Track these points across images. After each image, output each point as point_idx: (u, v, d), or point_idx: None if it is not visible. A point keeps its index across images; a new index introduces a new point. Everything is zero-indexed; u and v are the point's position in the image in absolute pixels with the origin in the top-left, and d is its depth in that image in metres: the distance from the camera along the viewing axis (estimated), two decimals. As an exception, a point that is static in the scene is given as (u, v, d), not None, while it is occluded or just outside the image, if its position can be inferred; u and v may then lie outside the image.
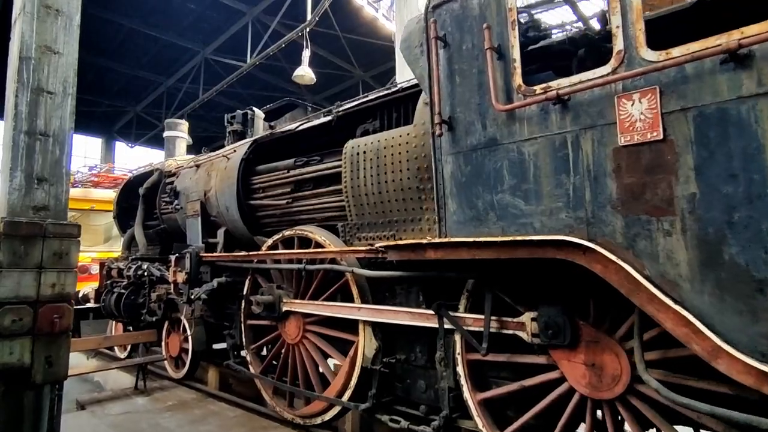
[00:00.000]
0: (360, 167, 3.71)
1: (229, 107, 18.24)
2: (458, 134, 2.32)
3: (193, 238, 5.48)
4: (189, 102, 15.37)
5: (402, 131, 3.47)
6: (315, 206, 4.30)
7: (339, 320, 3.57)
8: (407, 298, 3.34)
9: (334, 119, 4.17)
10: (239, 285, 4.67)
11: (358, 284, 3.48)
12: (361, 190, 3.70)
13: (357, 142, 3.82)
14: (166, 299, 5.37)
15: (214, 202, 5.21)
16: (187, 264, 4.73)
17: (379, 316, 3.17)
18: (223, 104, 17.44)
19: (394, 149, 3.48)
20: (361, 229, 3.74)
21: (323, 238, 3.75)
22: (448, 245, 2.23)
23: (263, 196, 4.84)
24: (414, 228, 3.38)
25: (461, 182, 2.29)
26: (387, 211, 3.56)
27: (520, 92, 2.08)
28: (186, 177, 5.81)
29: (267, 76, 15.19)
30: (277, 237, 4.20)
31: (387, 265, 3.42)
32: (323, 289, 3.75)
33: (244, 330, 4.51)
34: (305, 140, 4.84)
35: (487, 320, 2.50)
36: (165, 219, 6.40)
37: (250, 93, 16.58)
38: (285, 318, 3.98)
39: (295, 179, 4.49)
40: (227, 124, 6.20)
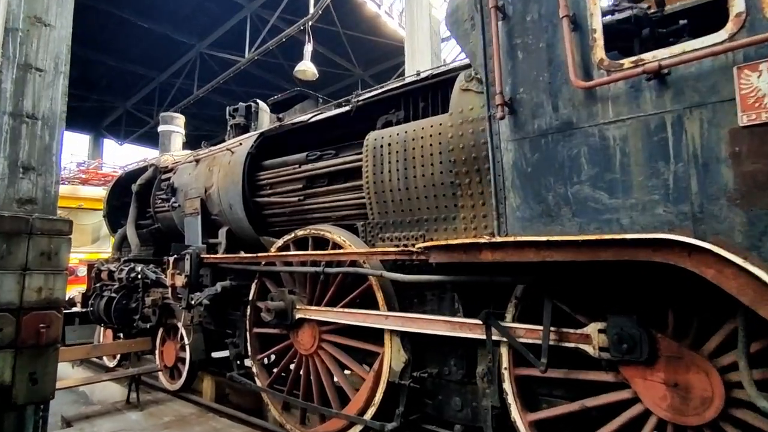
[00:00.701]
0: (384, 161, 3.39)
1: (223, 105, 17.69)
2: (522, 117, 2.00)
3: (192, 239, 5.09)
4: (182, 98, 14.89)
5: (434, 121, 3.15)
6: (330, 204, 3.95)
7: (360, 329, 3.23)
8: (440, 305, 3.02)
9: (353, 109, 3.84)
10: (244, 289, 4.30)
11: (384, 290, 3.15)
12: (385, 186, 3.37)
13: (380, 133, 3.50)
14: (161, 304, 4.96)
15: (216, 199, 4.83)
16: (187, 266, 4.34)
17: (411, 326, 2.83)
18: (216, 102, 16.97)
19: (425, 141, 3.16)
20: (385, 228, 3.41)
21: (343, 239, 3.41)
22: (511, 245, 1.91)
23: (271, 193, 4.48)
24: (447, 227, 3.06)
25: (526, 173, 1.98)
26: (415, 209, 3.24)
27: (602, 67, 1.78)
28: (184, 173, 5.42)
29: (263, 74, 14.80)
30: (289, 237, 3.84)
31: (417, 268, 3.11)
32: (341, 295, 3.40)
33: (250, 339, 4.13)
34: (318, 133, 4.50)
35: (547, 331, 2.19)
36: (160, 218, 5.99)
37: (246, 90, 16.13)
38: (298, 326, 3.62)
39: (308, 175, 4.15)
40: (229, 117, 5.83)
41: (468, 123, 2.87)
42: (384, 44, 13.38)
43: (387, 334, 3.07)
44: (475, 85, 2.91)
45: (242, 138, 4.80)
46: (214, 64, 13.64)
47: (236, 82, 15.08)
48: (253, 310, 4.12)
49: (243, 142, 4.66)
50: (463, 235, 2.97)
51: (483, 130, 2.78)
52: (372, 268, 3.18)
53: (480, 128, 2.80)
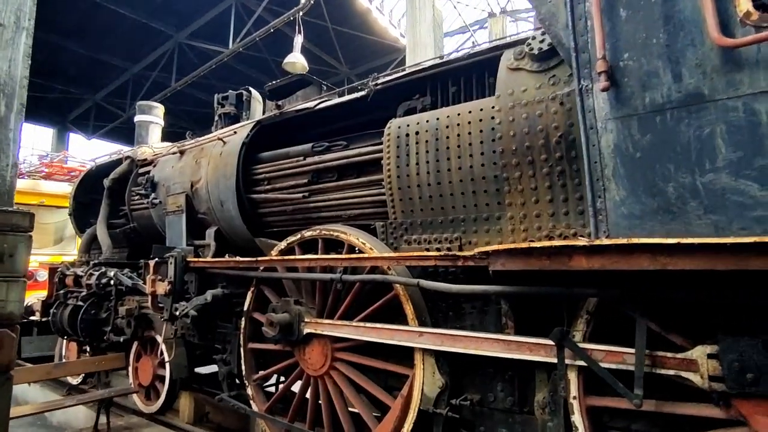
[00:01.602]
0: (411, 152, 2.95)
1: (200, 100, 16.94)
2: (627, 90, 1.60)
3: (174, 240, 4.49)
4: (157, 92, 14.00)
5: (475, 106, 2.74)
6: (340, 201, 3.47)
7: (381, 347, 2.76)
8: (482, 320, 2.59)
9: (370, 94, 3.38)
10: (236, 298, 3.75)
11: (414, 301, 2.69)
12: (411, 180, 2.93)
13: (405, 121, 3.06)
14: (138, 314, 4.33)
15: (204, 195, 4.26)
16: (171, 271, 3.76)
17: (453, 345, 2.38)
18: (194, 97, 16.17)
19: (462, 128, 2.74)
20: (411, 229, 2.96)
21: (362, 241, 2.93)
22: (616, 250, 1.49)
23: (269, 188, 3.96)
24: (489, 229, 2.64)
25: (634, 158, 1.57)
26: (448, 208, 2.80)
27: (749, 22, 1.39)
28: (166, 166, 4.82)
29: (246, 68, 14.12)
30: (294, 239, 3.33)
31: (453, 276, 2.67)
32: (358, 307, 2.92)
33: (244, 355, 3.58)
34: (324, 123, 4.02)
35: (642, 355, 1.78)
36: (136, 216, 5.34)
37: (226, 86, 15.28)
38: (305, 342, 3.11)
39: (315, 168, 3.65)
40: (217, 106, 5.27)
41: (521, 107, 2.46)
42: (373, 42, 12.98)
43: (418, 354, 2.61)
44: (528, 63, 2.51)
45: (236, 127, 4.25)
46: (193, 56, 12.88)
47: (216, 76, 14.33)
48: (249, 322, 3.58)
49: (237, 130, 4.12)
50: (510, 238, 2.55)
51: (540, 114, 2.39)
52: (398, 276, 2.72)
53: (536, 112, 2.40)
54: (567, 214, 2.36)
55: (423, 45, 6.90)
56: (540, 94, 2.40)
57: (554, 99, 2.34)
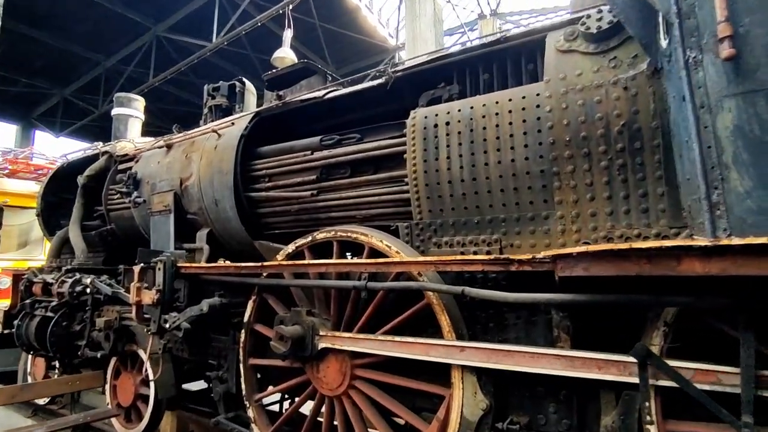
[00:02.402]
0: (440, 145, 2.65)
1: (179, 98, 16.22)
2: (751, 61, 1.34)
3: (160, 243, 4.05)
4: (132, 88, 13.21)
5: (517, 93, 2.47)
6: (355, 200, 3.14)
7: (409, 363, 2.43)
8: (528, 332, 2.30)
9: (389, 81, 3.06)
10: (235, 308, 3.35)
11: (451, 312, 2.38)
12: (441, 176, 2.63)
13: (432, 110, 2.76)
14: (118, 327, 3.86)
15: (196, 193, 3.85)
16: (159, 278, 3.33)
17: (504, 362, 2.08)
18: (171, 95, 15.46)
19: (503, 118, 2.46)
20: (441, 231, 2.66)
21: (386, 244, 2.61)
22: (746, 251, 1.22)
23: (270, 186, 3.59)
24: (535, 229, 2.36)
25: (761, 142, 1.31)
26: (485, 206, 2.52)
27: None
28: (151, 161, 4.36)
29: (227, 65, 13.56)
30: (304, 241, 2.97)
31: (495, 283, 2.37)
32: (379, 318, 2.59)
33: (244, 373, 3.18)
34: (332, 115, 3.68)
35: (750, 375, 1.52)
36: (115, 217, 4.85)
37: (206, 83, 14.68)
38: (319, 358, 2.75)
39: (324, 163, 3.31)
40: (208, 97, 4.85)
41: (575, 92, 2.20)
42: (361, 41, 12.68)
43: (456, 372, 2.29)
44: (582, 44, 2.25)
45: (232, 118, 3.86)
46: (171, 51, 12.26)
47: (196, 72, 13.70)
48: (250, 335, 3.19)
49: (235, 122, 3.73)
50: (560, 240, 2.28)
51: (599, 101, 2.13)
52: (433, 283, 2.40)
53: (594, 99, 2.14)
54: (628, 212, 2.10)
55: (423, 40, 6.64)
56: (599, 78, 2.14)
57: (616, 83, 2.09)
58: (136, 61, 12.61)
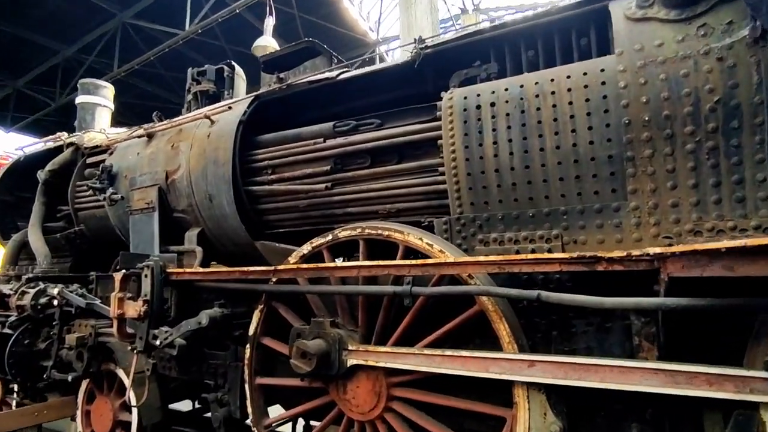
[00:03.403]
0: (484, 128, 2.33)
1: (145, 93, 15.21)
2: None
3: (141, 245, 3.54)
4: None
5: (578, 68, 2.18)
6: (378, 192, 2.77)
7: (452, 379, 2.09)
8: (602, 340, 2.00)
9: (417, 59, 2.71)
10: (238, 319, 2.91)
11: (509, 320, 2.05)
12: (486, 164, 2.31)
13: (474, 90, 2.44)
14: (94, 344, 3.32)
15: (185, 188, 3.37)
16: (146, 286, 2.84)
17: (582, 378, 1.77)
18: (137, 88, 14.46)
19: (561, 97, 2.17)
20: (487, 226, 2.33)
21: (427, 242, 2.25)
22: None
23: (275, 179, 3.16)
24: (603, 223, 2.07)
25: None
26: (540, 198, 2.21)
27: None
28: (129, 153, 3.82)
29: (199, 57, 12.72)
30: (322, 240, 2.58)
31: (558, 284, 2.07)
32: (415, 329, 2.24)
33: (250, 394, 2.75)
34: (342, 99, 3.29)
35: None
36: (84, 217, 4.26)
37: (174, 76, 13.88)
38: (347, 377, 2.36)
39: (339, 152, 2.92)
40: (192, 83, 4.34)
41: (656, 65, 1.92)
42: (342, 34, 12.24)
43: (520, 389, 1.97)
44: (660, 10, 1.98)
45: (229, 102, 3.40)
46: (138, 40, 11.40)
47: (165, 64, 12.86)
48: (256, 350, 2.76)
49: (232, 106, 3.27)
50: (635, 234, 2.00)
51: (686, 74, 1.86)
52: (493, 286, 2.07)
53: (680, 72, 1.87)
54: (719, 202, 1.84)
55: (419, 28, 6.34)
56: (685, 49, 1.87)
57: (707, 54, 1.82)
58: (99, 50, 11.63)
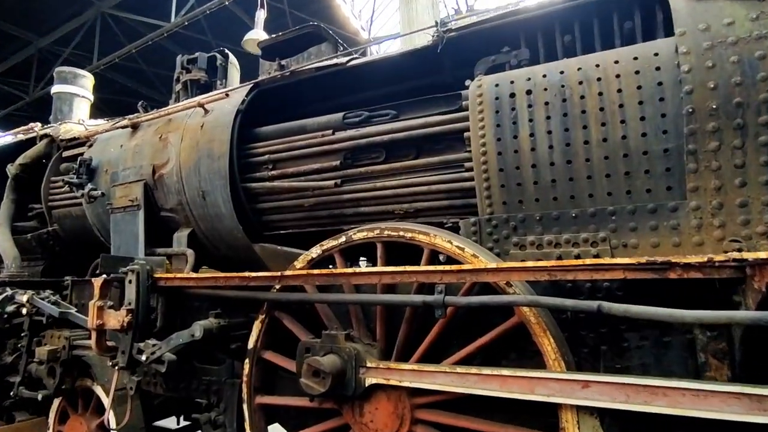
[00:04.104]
0: (520, 119, 2.10)
1: (125, 88, 14.60)
2: None
3: (124, 246, 3.19)
4: (69, 73, 11.64)
5: (628, 52, 1.97)
6: (394, 190, 2.51)
7: (479, 399, 1.85)
8: (660, 357, 1.78)
9: (440, 43, 2.46)
10: (235, 331, 2.60)
11: (553, 333, 1.81)
12: (522, 158, 2.08)
13: (506, 77, 2.21)
14: (68, 358, 2.96)
15: (174, 184, 3.05)
16: (131, 294, 2.50)
17: (649, 401, 1.53)
18: (116, 83, 13.87)
19: (608, 84, 1.95)
20: (523, 227, 2.09)
21: (457, 245, 2.00)
22: None
23: (276, 175, 2.87)
24: (659, 224, 1.85)
25: None
26: (583, 196, 1.99)
27: None
28: (111, 145, 3.47)
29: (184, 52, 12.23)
30: (334, 243, 2.30)
31: (605, 294, 1.84)
32: (443, 343, 1.99)
33: (250, 415, 2.44)
34: (351, 90, 3.03)
35: None
36: (58, 215, 3.88)
37: (156, 72, 13.38)
38: (364, 397, 2.08)
39: (350, 145, 2.65)
40: (181, 71, 4.01)
41: (726, 47, 1.71)
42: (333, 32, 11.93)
43: (569, 414, 1.72)
44: (726, -13, 1.77)
45: (225, 90, 3.09)
46: (118, 31, 10.88)
47: (146, 58, 12.35)
48: (256, 365, 2.46)
49: (229, 93, 2.97)
50: (696, 237, 1.79)
51: (762, 56, 1.65)
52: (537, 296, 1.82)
53: (755, 54, 1.66)
54: (795, 202, 1.64)
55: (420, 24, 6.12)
56: (760, 28, 1.67)
57: (786, 34, 1.62)
58: (76, 41, 11.05)
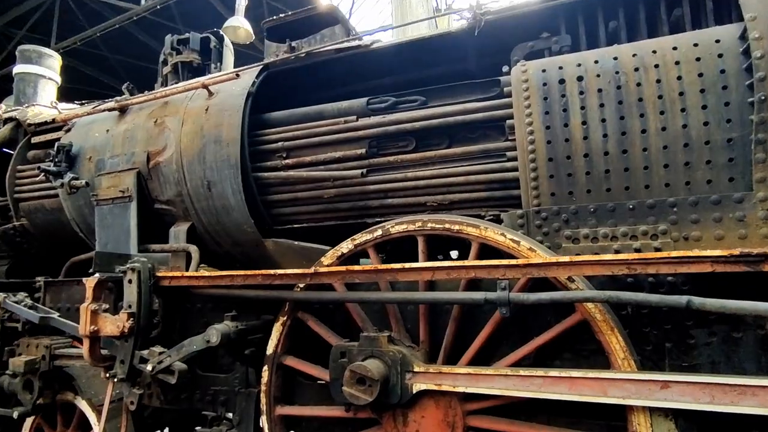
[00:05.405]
0: (570, 106, 2.01)
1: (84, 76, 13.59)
2: None
3: (112, 243, 2.86)
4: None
5: (685, 39, 1.91)
6: (426, 181, 2.35)
7: (529, 402, 1.74)
8: (729, 354, 1.71)
9: (477, 26, 2.32)
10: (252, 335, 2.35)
11: (620, 330, 1.71)
12: (573, 147, 1.98)
13: (554, 62, 2.11)
14: (48, 370, 2.60)
15: (173, 173, 2.76)
16: (131, 295, 2.21)
17: (738, 401, 1.45)
18: (75, 70, 12.81)
19: (667, 71, 1.89)
20: (575, 220, 1.99)
21: (511, 238, 1.87)
22: None
23: (291, 164, 2.64)
24: (723, 216, 1.79)
25: None
26: (639, 187, 1.92)
27: None
28: (94, 129, 3.10)
29: (150, 40, 11.52)
30: (368, 237, 2.12)
31: (652, 287, 1.76)
32: (495, 343, 1.86)
33: (269, 428, 2.21)
34: (370, 75, 2.84)
35: None
36: (27, 209, 3.45)
37: (120, 60, 12.52)
38: (409, 405, 1.91)
39: (379, 132, 2.46)
40: (170, 52, 3.67)
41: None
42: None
43: (641, 417, 1.63)
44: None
45: (237, 70, 2.81)
46: (79, 14, 10.09)
47: (109, 45, 11.53)
48: (276, 372, 2.23)
49: (240, 74, 2.70)
50: (763, 230, 1.74)
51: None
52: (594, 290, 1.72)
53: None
54: None
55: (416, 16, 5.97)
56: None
57: None
58: (31, 24, 10.15)
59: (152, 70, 4.60)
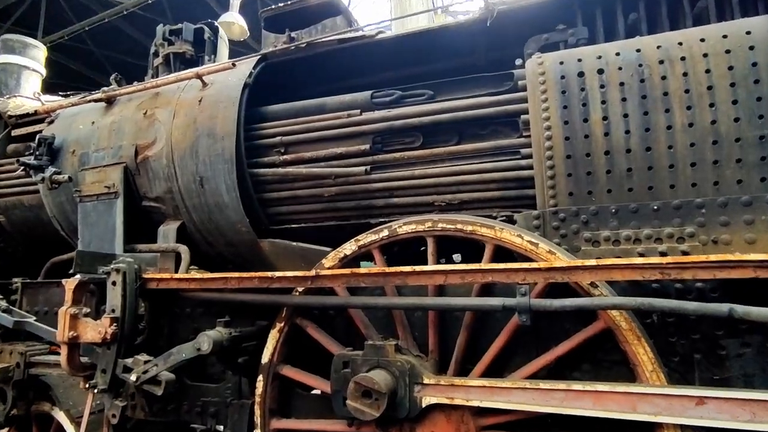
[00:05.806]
0: (590, 101, 1.90)
1: (70, 71, 13.27)
2: None
3: (96, 242, 2.68)
4: (6, 52, 10.39)
5: (712, 31, 1.81)
6: (435, 179, 2.21)
7: (555, 421, 1.61)
8: (766, 367, 1.59)
9: (490, 17, 2.20)
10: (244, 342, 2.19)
11: (647, 340, 1.59)
12: (593, 144, 1.87)
13: (572, 54, 1.99)
14: (23, 379, 2.41)
15: (164, 168, 2.59)
16: (115, 298, 2.03)
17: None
18: (60, 65, 12.49)
19: (694, 65, 1.79)
20: (595, 221, 1.87)
21: (529, 240, 1.74)
22: None
23: (290, 160, 2.49)
24: (755, 218, 1.69)
25: None
26: (663, 187, 1.81)
27: None
28: (78, 121, 2.92)
29: (139, 35, 11.27)
30: (374, 237, 1.97)
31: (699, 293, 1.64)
32: (509, 352, 1.73)
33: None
34: (375, 69, 2.71)
35: None
36: (5, 205, 3.27)
37: (107, 55, 12.24)
38: (417, 420, 1.76)
39: (384, 127, 2.32)
40: (162, 43, 3.49)
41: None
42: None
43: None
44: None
45: (233, 60, 2.66)
46: (66, 8, 9.82)
47: (96, 40, 11.27)
48: (272, 383, 2.07)
49: (236, 64, 2.55)
50: (797, 233, 1.62)
51: None
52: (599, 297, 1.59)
53: None
54: None
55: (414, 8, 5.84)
56: None
57: None
58: (17, 16, 9.85)
59: (140, 66, 4.41)
